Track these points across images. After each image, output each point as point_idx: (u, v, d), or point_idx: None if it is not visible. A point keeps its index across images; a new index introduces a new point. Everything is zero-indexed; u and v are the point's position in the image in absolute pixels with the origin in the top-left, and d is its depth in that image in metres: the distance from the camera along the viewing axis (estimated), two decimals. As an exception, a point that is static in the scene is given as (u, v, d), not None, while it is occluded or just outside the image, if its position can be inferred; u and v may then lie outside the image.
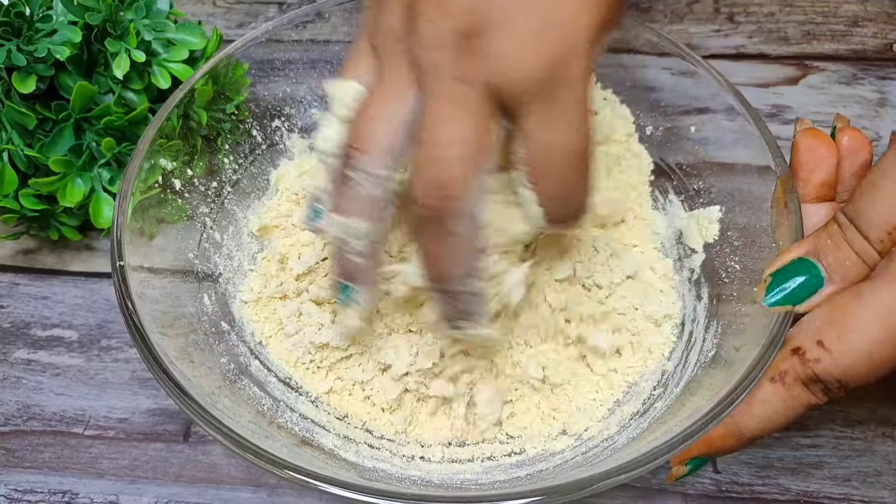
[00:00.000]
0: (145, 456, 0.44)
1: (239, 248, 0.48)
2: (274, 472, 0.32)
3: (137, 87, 0.48)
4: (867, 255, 0.33)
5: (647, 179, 0.48)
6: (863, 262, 0.33)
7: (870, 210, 0.32)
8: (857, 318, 0.31)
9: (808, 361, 0.32)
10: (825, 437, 0.43)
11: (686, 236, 0.46)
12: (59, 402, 0.46)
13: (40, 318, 0.49)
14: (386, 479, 0.38)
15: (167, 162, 0.44)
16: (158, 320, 0.38)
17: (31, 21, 0.45)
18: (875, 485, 0.41)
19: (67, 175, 0.46)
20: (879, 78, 0.58)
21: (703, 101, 0.46)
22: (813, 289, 0.34)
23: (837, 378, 0.32)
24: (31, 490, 0.43)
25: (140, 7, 0.48)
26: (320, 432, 0.40)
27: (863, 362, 0.31)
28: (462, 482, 0.38)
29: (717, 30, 0.62)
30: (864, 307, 0.31)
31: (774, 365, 0.33)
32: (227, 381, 0.40)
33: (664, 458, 0.32)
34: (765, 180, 0.41)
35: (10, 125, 0.46)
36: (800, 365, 0.32)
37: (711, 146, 0.46)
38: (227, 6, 0.65)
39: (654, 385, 0.41)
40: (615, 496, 0.41)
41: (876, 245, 0.32)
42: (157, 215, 0.43)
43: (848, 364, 0.31)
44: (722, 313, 0.41)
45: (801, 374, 0.32)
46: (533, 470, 0.39)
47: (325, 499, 0.42)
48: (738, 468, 0.42)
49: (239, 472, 0.43)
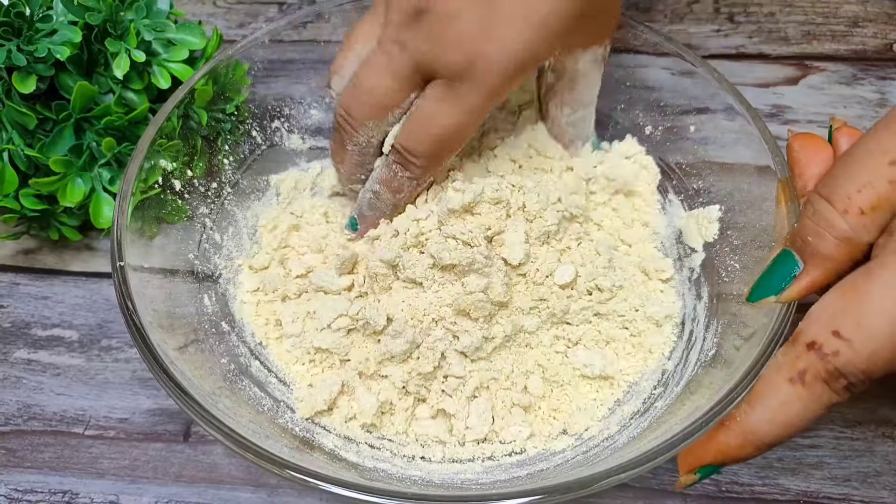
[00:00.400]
0: (145, 456, 0.44)
1: (239, 249, 0.48)
2: (274, 471, 0.32)
3: (137, 87, 0.48)
4: (842, 231, 0.31)
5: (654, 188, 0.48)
6: (841, 239, 0.31)
7: (844, 185, 0.31)
8: (872, 298, 0.29)
9: (826, 356, 0.29)
10: (825, 438, 0.43)
11: (686, 236, 0.46)
12: (60, 402, 0.46)
13: (40, 318, 0.49)
14: (387, 479, 0.38)
15: (167, 162, 0.44)
16: (158, 320, 0.38)
17: (31, 21, 0.45)
18: (875, 485, 0.41)
19: (67, 175, 0.46)
20: (879, 78, 0.58)
21: (703, 101, 0.46)
22: (787, 274, 0.33)
23: (862, 369, 0.29)
24: (31, 490, 0.43)
25: (140, 7, 0.48)
26: (321, 432, 0.40)
27: (886, 346, 0.28)
28: (463, 482, 0.38)
29: (717, 30, 0.62)
30: (877, 286, 0.29)
31: (791, 364, 0.30)
32: (227, 382, 0.40)
33: (665, 458, 0.32)
34: (764, 180, 0.41)
35: (10, 125, 0.46)
36: (818, 361, 0.30)
37: (711, 146, 0.46)
38: (227, 6, 0.65)
39: (654, 384, 0.41)
40: (615, 496, 0.41)
41: (852, 221, 0.31)
42: (157, 215, 0.43)
43: (871, 351, 0.29)
44: (722, 312, 0.41)
45: (822, 371, 0.30)
46: (533, 469, 0.39)
47: (325, 499, 0.42)
48: (738, 468, 0.42)
49: (239, 472, 0.43)
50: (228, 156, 0.49)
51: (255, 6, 0.65)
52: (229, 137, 0.49)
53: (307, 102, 0.52)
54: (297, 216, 0.48)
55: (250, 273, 0.46)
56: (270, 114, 0.51)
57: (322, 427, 0.41)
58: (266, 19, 0.65)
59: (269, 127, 0.51)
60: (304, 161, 0.52)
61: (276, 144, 0.51)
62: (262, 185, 0.50)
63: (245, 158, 0.50)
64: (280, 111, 0.51)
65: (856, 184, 0.31)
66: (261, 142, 0.51)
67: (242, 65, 0.49)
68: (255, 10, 0.65)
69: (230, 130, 0.49)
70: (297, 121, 0.52)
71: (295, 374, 0.43)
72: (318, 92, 0.52)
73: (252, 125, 0.50)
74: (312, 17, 0.50)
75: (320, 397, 0.40)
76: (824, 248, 0.32)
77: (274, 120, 0.51)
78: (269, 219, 0.48)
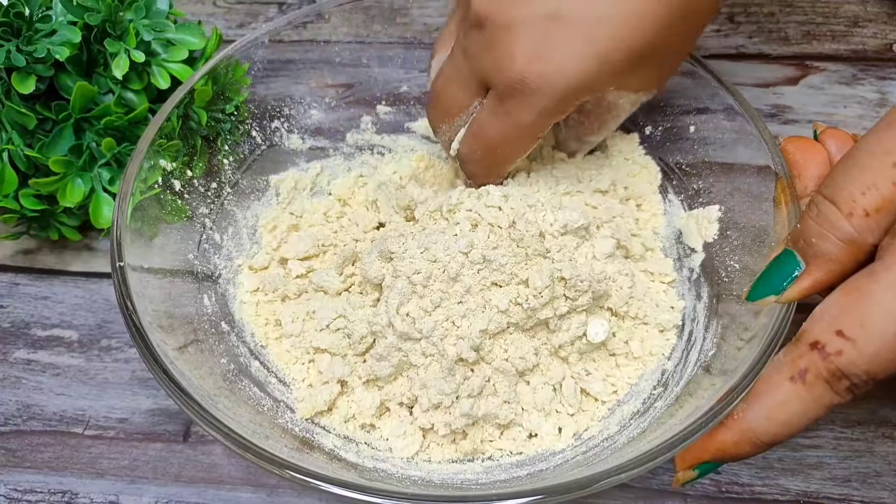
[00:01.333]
0: (145, 456, 0.44)
1: (238, 249, 0.48)
2: (274, 472, 0.32)
3: (137, 87, 0.48)
4: (846, 233, 0.31)
5: (656, 188, 0.48)
6: (846, 241, 0.31)
7: (848, 186, 0.31)
8: (875, 298, 0.29)
9: (829, 355, 0.29)
10: (825, 438, 0.43)
11: (686, 236, 0.46)
12: (59, 402, 0.46)
13: (40, 318, 0.49)
14: (386, 479, 0.38)
15: (167, 162, 0.44)
16: (158, 320, 0.38)
17: (30, 21, 0.45)
18: (875, 485, 0.41)
19: (67, 175, 0.46)
20: (879, 78, 0.58)
21: (703, 101, 0.46)
22: (788, 273, 0.33)
23: (865, 369, 0.29)
24: (31, 490, 0.43)
25: (140, 7, 0.48)
26: (320, 433, 0.40)
27: (889, 346, 0.28)
28: (462, 482, 0.38)
29: (717, 30, 0.62)
30: (881, 287, 0.29)
31: (792, 363, 0.31)
32: (226, 382, 0.40)
33: (665, 458, 0.32)
34: (764, 180, 0.41)
35: (10, 125, 0.46)
36: (821, 360, 0.30)
37: (711, 146, 0.46)
38: (227, 6, 0.65)
39: (654, 385, 0.41)
40: (615, 496, 0.41)
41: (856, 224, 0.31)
42: (157, 216, 0.43)
43: (874, 351, 0.29)
44: (722, 312, 0.41)
45: (824, 371, 0.30)
46: (533, 469, 0.39)
47: (324, 499, 0.42)
48: (738, 469, 0.42)
49: (239, 472, 0.43)
50: (228, 156, 0.49)
51: (255, 6, 0.65)
52: (229, 137, 0.49)
53: (307, 102, 0.52)
54: (297, 216, 0.48)
55: (250, 273, 0.46)
56: (270, 114, 0.51)
57: (322, 427, 0.41)
58: (266, 19, 0.65)
59: (269, 127, 0.51)
60: (303, 161, 0.52)
61: (276, 144, 0.51)
62: (262, 185, 0.50)
63: (245, 158, 0.50)
64: (280, 111, 0.51)
65: (860, 186, 0.31)
66: (260, 142, 0.51)
67: (242, 65, 0.49)
68: (255, 10, 0.65)
69: (230, 130, 0.49)
70: (296, 121, 0.52)
71: (295, 374, 0.43)
72: (318, 92, 0.52)
73: (252, 125, 0.50)
74: (312, 17, 0.50)
75: (321, 398, 0.40)
76: (828, 250, 0.32)
77: (274, 120, 0.51)
78: (268, 219, 0.48)
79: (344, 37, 0.51)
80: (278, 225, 0.48)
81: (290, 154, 0.51)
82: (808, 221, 0.32)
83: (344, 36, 0.51)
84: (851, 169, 0.32)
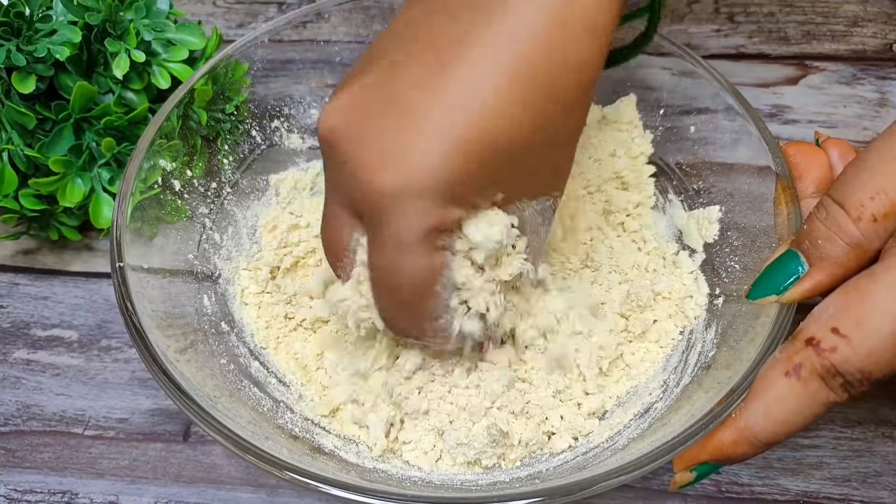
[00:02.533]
0: (145, 456, 0.44)
1: (238, 249, 0.48)
2: (274, 473, 0.32)
3: (137, 87, 0.48)
4: (854, 237, 0.31)
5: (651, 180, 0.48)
6: (852, 245, 0.31)
7: (857, 191, 0.31)
8: (873, 298, 0.29)
9: (823, 351, 0.30)
10: (825, 438, 0.43)
11: (686, 236, 0.46)
12: (59, 402, 0.46)
13: (40, 318, 0.49)
14: (386, 480, 0.38)
15: (167, 162, 0.44)
16: (158, 320, 0.38)
17: (30, 21, 0.45)
18: (875, 485, 0.41)
19: (67, 175, 0.46)
20: (879, 78, 0.58)
21: (703, 101, 0.46)
22: (791, 273, 0.33)
23: (859, 367, 0.29)
24: (31, 490, 0.43)
25: (140, 7, 0.48)
26: (321, 433, 0.40)
27: (885, 346, 0.29)
28: (462, 483, 0.38)
29: (717, 30, 0.62)
30: (879, 286, 0.29)
31: (787, 359, 0.31)
32: (226, 382, 0.40)
33: (665, 459, 0.32)
34: (764, 180, 0.41)
35: (10, 125, 0.46)
36: (815, 356, 0.30)
37: (711, 146, 0.46)
38: (226, 6, 0.65)
39: (654, 386, 0.41)
40: (615, 496, 0.41)
41: (863, 228, 0.31)
42: (157, 215, 0.43)
43: (868, 350, 0.29)
44: (722, 313, 0.41)
45: (818, 367, 0.30)
46: (533, 471, 0.39)
47: (325, 499, 0.42)
48: (738, 469, 0.42)
49: (239, 472, 0.43)
50: (228, 156, 0.49)
51: (255, 6, 0.65)
52: (229, 137, 0.49)
53: (307, 102, 0.52)
54: (297, 216, 0.48)
55: (250, 273, 0.46)
56: (270, 113, 0.51)
57: (322, 428, 0.41)
58: (266, 19, 0.64)
59: (269, 127, 0.51)
60: (303, 161, 0.52)
61: (276, 144, 0.51)
62: (262, 185, 0.50)
63: (245, 158, 0.50)
64: (280, 111, 0.51)
65: (869, 191, 0.31)
66: (260, 141, 0.51)
67: (242, 64, 0.49)
68: (255, 10, 0.65)
69: (230, 130, 0.49)
70: (296, 120, 0.52)
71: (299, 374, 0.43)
72: (318, 92, 0.52)
73: (252, 125, 0.50)
74: (312, 17, 0.50)
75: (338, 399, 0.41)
76: (834, 253, 0.32)
77: (273, 120, 0.51)
78: (268, 219, 0.48)
79: (344, 36, 0.51)
80: (278, 225, 0.47)
81: (290, 154, 0.51)
82: (816, 223, 0.32)
83: (344, 35, 0.51)
84: (861, 173, 0.32)
